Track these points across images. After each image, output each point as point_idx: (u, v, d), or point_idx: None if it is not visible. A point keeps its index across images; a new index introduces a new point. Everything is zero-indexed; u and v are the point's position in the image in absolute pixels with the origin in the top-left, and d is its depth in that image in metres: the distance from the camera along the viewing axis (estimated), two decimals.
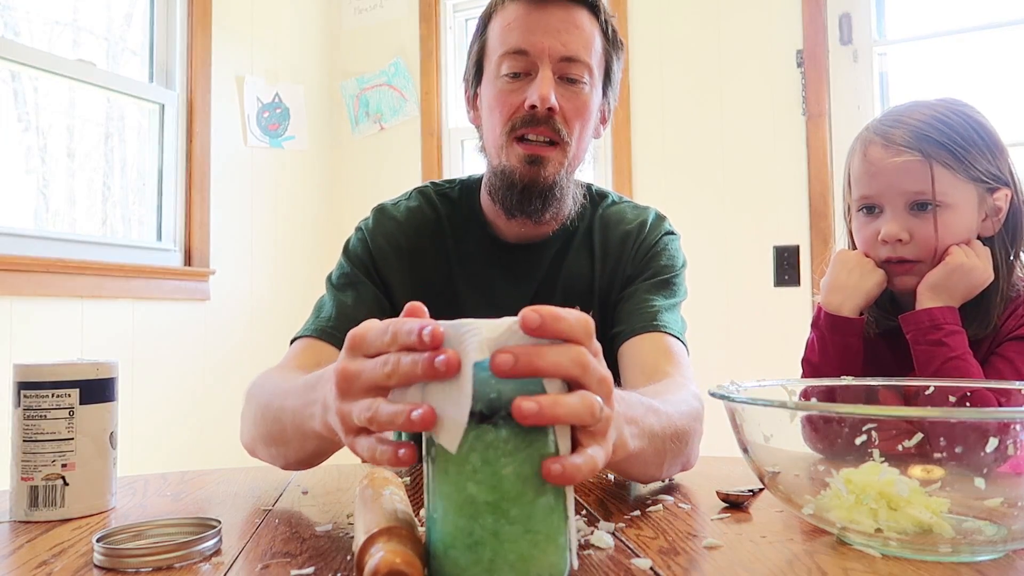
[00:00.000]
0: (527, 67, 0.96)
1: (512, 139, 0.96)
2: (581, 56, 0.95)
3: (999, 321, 0.96)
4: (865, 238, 1.01)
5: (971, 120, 0.97)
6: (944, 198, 0.95)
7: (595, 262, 1.05)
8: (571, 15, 0.96)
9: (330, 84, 3.08)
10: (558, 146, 0.96)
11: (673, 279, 1.03)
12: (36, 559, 0.56)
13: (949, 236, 0.96)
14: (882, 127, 0.99)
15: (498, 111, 0.98)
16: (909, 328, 0.95)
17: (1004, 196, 0.98)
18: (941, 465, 0.52)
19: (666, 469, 0.72)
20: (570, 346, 0.46)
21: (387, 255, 1.05)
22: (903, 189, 0.96)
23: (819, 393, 0.75)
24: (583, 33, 0.96)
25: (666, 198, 2.52)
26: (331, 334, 0.96)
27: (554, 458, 0.44)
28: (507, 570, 0.44)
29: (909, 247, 0.97)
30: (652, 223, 1.07)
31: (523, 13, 0.96)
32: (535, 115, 0.94)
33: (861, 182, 1.00)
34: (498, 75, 0.98)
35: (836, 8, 2.40)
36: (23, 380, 0.69)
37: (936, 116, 0.96)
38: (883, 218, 0.99)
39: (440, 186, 1.12)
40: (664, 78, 2.60)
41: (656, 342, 0.94)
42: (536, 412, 0.43)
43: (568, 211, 1.03)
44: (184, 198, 2.47)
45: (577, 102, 0.96)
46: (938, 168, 0.94)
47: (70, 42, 2.35)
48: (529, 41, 0.95)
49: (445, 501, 0.46)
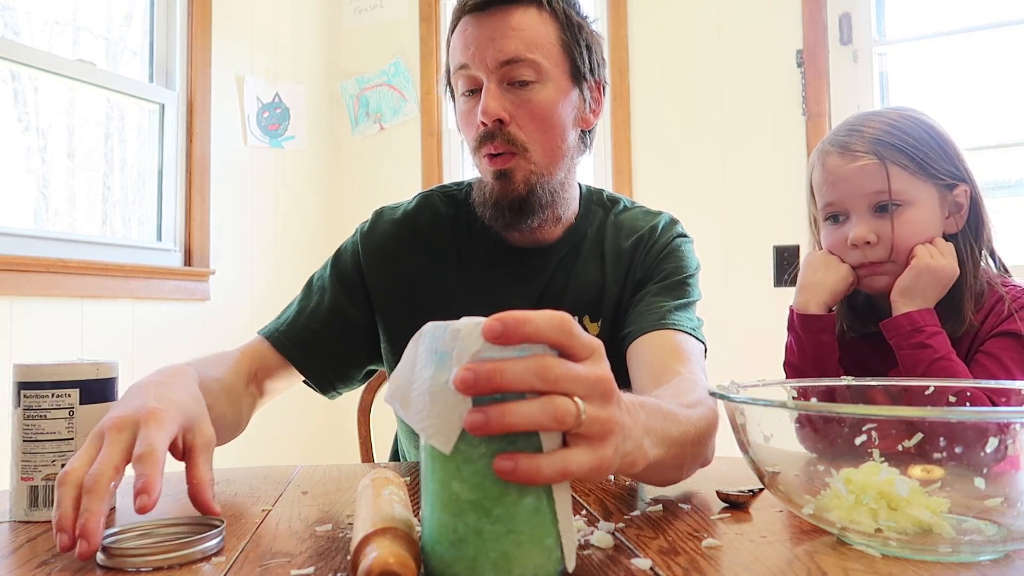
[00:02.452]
0: (475, 82, 0.96)
1: (480, 157, 0.97)
2: (522, 55, 0.93)
3: (976, 319, 0.98)
4: (834, 244, 1.03)
5: (921, 123, 1.01)
6: (903, 196, 0.98)
7: (606, 268, 1.03)
8: (508, 18, 0.93)
9: (330, 84, 3.08)
10: (518, 155, 0.95)
11: (686, 280, 1.01)
12: (36, 559, 0.56)
13: (914, 234, 0.98)
14: (837, 138, 1.03)
15: (465, 132, 1.00)
16: (891, 334, 0.96)
17: (963, 192, 1.01)
18: (941, 465, 0.52)
19: (686, 472, 0.71)
20: (534, 358, 0.44)
21: (376, 259, 1.06)
22: (864, 192, 0.99)
23: (819, 393, 0.75)
24: (522, 32, 0.93)
25: (666, 198, 2.52)
26: (279, 340, 1.06)
27: (508, 455, 0.44)
28: (489, 568, 0.44)
29: (878, 249, 0.99)
30: (663, 227, 1.06)
31: (462, 28, 0.96)
32: (488, 130, 0.94)
33: (823, 191, 1.03)
34: (459, 94, 0.99)
35: (836, 8, 2.40)
36: (23, 380, 0.69)
37: (888, 122, 1.01)
38: (849, 223, 1.01)
39: (447, 188, 1.12)
40: (664, 78, 2.60)
41: (664, 340, 0.92)
42: (483, 423, 0.43)
43: (567, 213, 1.02)
44: (184, 198, 2.47)
45: (530, 105, 0.94)
46: (893, 168, 0.98)
47: (70, 42, 2.35)
48: (467, 55, 0.95)
49: (433, 498, 0.46)
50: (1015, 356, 0.94)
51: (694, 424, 0.68)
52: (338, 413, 2.87)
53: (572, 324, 0.47)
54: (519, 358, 0.44)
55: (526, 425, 0.43)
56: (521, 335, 0.44)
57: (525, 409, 0.43)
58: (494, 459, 0.44)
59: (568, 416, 0.44)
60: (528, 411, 0.44)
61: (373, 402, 1.48)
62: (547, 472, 0.44)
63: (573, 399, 0.45)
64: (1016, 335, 0.94)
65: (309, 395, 1.13)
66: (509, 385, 0.43)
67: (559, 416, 0.44)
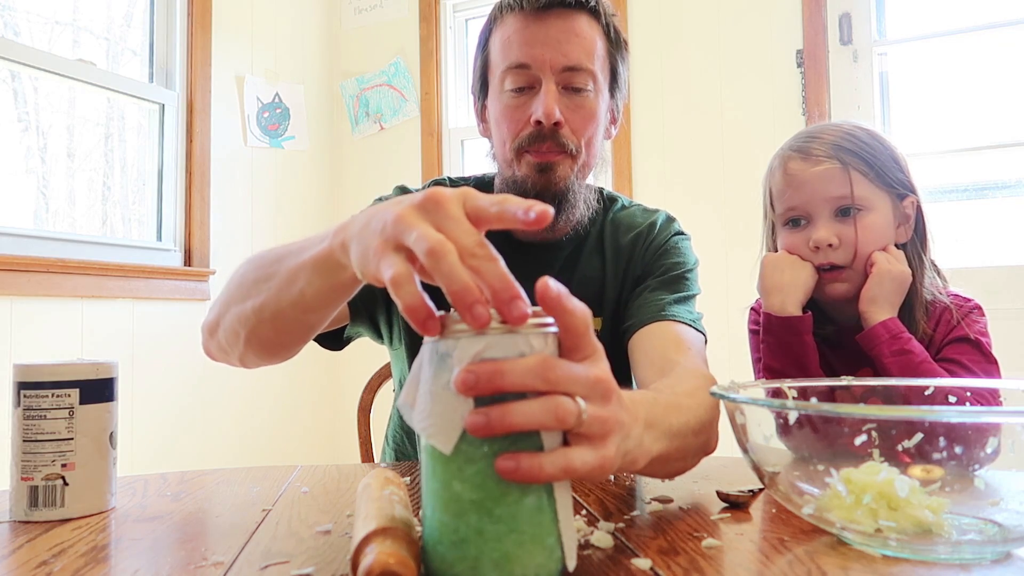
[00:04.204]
0: (530, 80, 0.96)
1: (521, 153, 0.97)
2: (584, 64, 0.95)
3: (928, 328, 1.00)
4: (794, 247, 1.04)
5: (874, 135, 1.03)
6: (864, 202, 1.00)
7: (606, 265, 1.05)
8: (571, 23, 0.95)
9: (330, 84, 3.08)
10: (567, 154, 0.96)
11: (685, 275, 1.02)
12: (36, 559, 0.56)
13: (872, 240, 1.00)
14: (797, 144, 1.05)
15: (505, 127, 0.98)
16: (871, 344, 0.97)
17: (911, 203, 1.03)
18: (941, 465, 0.52)
19: (691, 461, 0.71)
20: (535, 358, 0.45)
21: None
22: (827, 196, 1.00)
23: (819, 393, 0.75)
24: (584, 40, 0.95)
25: (666, 198, 2.53)
26: None
27: (510, 454, 0.44)
28: (491, 568, 0.44)
29: (840, 252, 1.00)
30: (661, 224, 1.07)
31: (521, 26, 0.95)
32: (541, 131, 0.94)
33: (785, 195, 1.03)
34: (502, 90, 0.98)
35: (836, 8, 2.40)
36: (23, 380, 0.69)
37: (845, 131, 1.03)
38: (811, 227, 1.02)
39: (456, 181, 1.12)
40: (664, 78, 2.60)
41: (663, 331, 0.93)
42: (484, 424, 0.43)
43: (581, 215, 1.02)
44: (184, 198, 2.47)
45: (583, 112, 0.96)
46: (855, 174, 0.99)
47: (70, 42, 2.35)
48: (529, 54, 0.94)
49: (434, 498, 0.46)
50: (975, 359, 0.97)
51: (695, 413, 0.69)
52: (338, 413, 2.88)
53: (590, 322, 0.47)
54: (519, 358, 0.44)
55: (527, 425, 0.44)
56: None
57: (526, 409, 0.44)
58: (496, 459, 0.44)
59: (569, 415, 0.44)
60: (529, 411, 0.44)
61: (373, 402, 1.48)
62: (549, 470, 0.44)
63: (574, 399, 0.45)
64: (970, 340, 0.98)
65: (309, 395, 1.13)
66: (510, 386, 0.43)
67: (560, 415, 0.44)
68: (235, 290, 0.78)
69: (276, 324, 0.73)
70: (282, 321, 0.72)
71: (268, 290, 0.71)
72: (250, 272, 0.76)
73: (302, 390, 2.78)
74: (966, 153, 2.28)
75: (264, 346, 0.78)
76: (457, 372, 0.44)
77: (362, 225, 0.54)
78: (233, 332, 0.79)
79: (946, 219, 2.27)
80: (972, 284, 1.10)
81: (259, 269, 0.74)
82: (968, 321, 0.99)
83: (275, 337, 0.76)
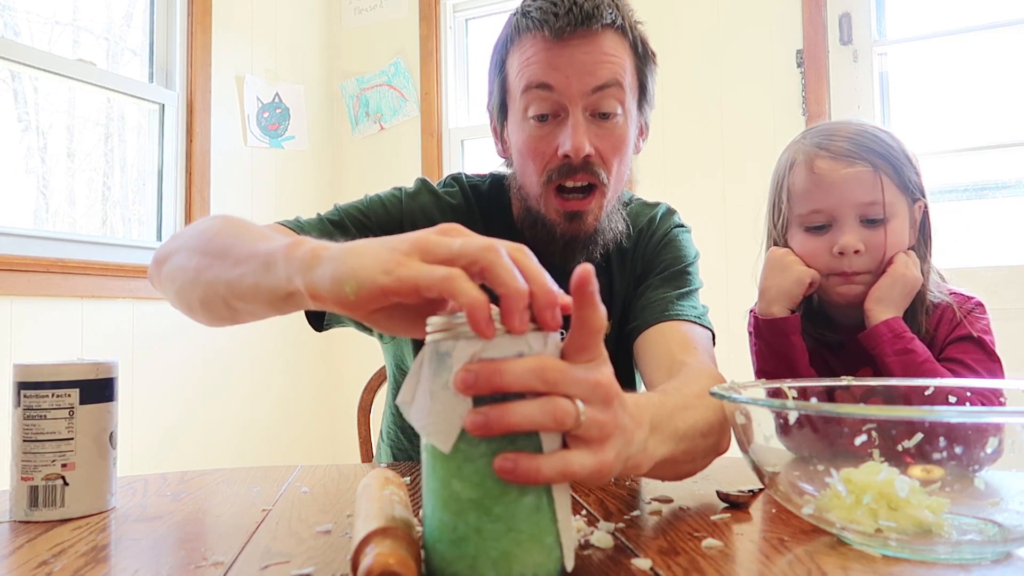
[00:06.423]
0: (554, 107, 0.90)
1: (551, 189, 0.92)
2: (613, 82, 0.90)
3: (930, 327, 0.99)
4: (815, 251, 0.99)
5: (891, 135, 1.00)
6: (890, 208, 0.96)
7: (612, 268, 1.04)
8: (596, 43, 0.88)
9: (330, 84, 3.08)
10: (597, 189, 0.92)
11: (686, 269, 1.01)
12: (36, 559, 0.56)
13: (897, 247, 0.98)
14: (822, 141, 0.99)
15: (531, 159, 0.93)
16: (873, 343, 0.96)
17: (919, 208, 1.00)
18: (941, 465, 0.52)
19: (700, 463, 0.70)
20: (534, 359, 0.44)
21: (415, 224, 0.97)
22: (856, 200, 0.96)
23: (819, 393, 0.75)
24: (611, 59, 0.89)
25: (666, 198, 2.52)
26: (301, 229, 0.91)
27: (508, 455, 0.44)
28: (489, 567, 0.44)
29: (865, 259, 0.97)
30: (660, 218, 1.07)
31: (543, 48, 0.89)
32: (570, 164, 0.90)
33: (810, 196, 0.98)
34: (525, 116, 0.92)
35: (836, 8, 2.40)
36: (23, 380, 0.69)
37: (865, 130, 0.99)
38: (835, 231, 0.98)
39: (472, 178, 1.09)
40: (664, 78, 2.59)
41: (669, 331, 0.92)
42: (483, 424, 0.43)
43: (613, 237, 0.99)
44: (184, 198, 2.47)
45: (612, 139, 0.91)
46: (884, 178, 0.96)
47: (70, 42, 2.35)
48: (553, 77, 0.88)
49: (433, 496, 0.47)
50: (978, 357, 0.95)
51: (703, 415, 0.68)
52: (338, 413, 2.87)
53: (604, 326, 0.47)
54: (519, 359, 0.44)
55: (525, 425, 0.44)
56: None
57: (524, 409, 0.44)
58: (494, 458, 0.44)
59: (567, 417, 0.44)
60: (527, 411, 0.44)
61: (373, 402, 1.48)
62: (547, 472, 0.44)
63: (573, 401, 0.45)
64: (973, 338, 0.97)
65: (309, 395, 1.13)
66: (509, 386, 0.43)
67: (558, 417, 0.44)
68: (194, 241, 0.72)
69: (206, 302, 0.68)
70: (211, 303, 0.67)
71: (212, 267, 0.66)
72: (215, 238, 0.69)
73: (302, 390, 2.78)
74: (966, 153, 2.28)
75: (190, 308, 0.73)
76: (456, 371, 0.44)
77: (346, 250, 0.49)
78: (170, 277, 0.74)
79: (946, 219, 2.27)
80: (972, 284, 1.09)
81: (223, 238, 0.67)
82: (970, 319, 0.98)
83: (200, 308, 0.70)
